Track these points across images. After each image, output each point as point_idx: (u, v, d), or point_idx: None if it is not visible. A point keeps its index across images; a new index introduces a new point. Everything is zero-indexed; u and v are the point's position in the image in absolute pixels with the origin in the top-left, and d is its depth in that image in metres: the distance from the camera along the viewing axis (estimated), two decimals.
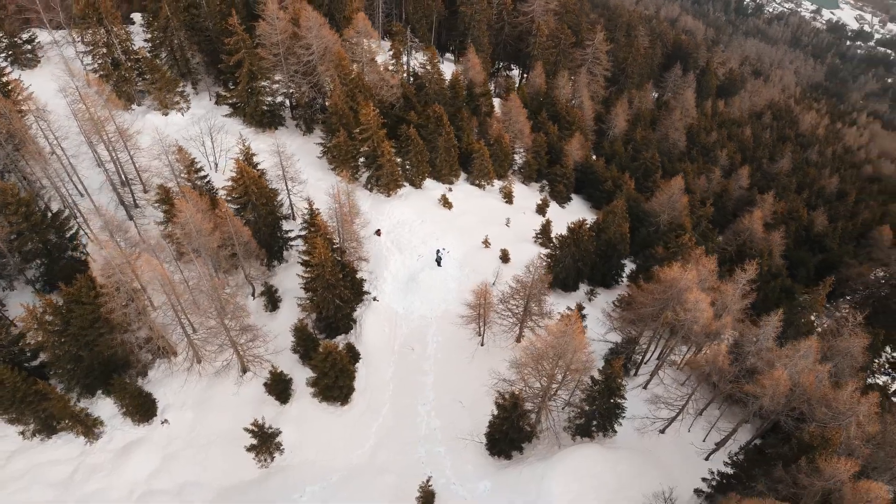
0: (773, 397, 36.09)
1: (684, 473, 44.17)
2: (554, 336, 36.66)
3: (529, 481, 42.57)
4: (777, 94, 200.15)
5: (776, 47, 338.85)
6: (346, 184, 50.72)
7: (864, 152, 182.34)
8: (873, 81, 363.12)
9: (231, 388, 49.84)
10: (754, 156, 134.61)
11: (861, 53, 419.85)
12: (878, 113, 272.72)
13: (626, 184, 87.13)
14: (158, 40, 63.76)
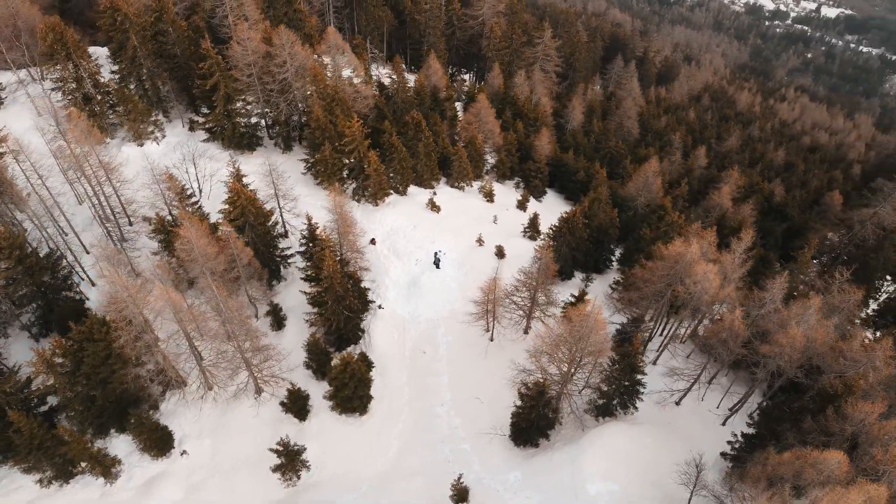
0: (790, 354, 38.02)
1: (706, 440, 45.84)
2: (576, 319, 37.70)
3: (561, 465, 43.49)
4: (710, 76, 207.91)
5: (701, 32, 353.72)
6: (342, 196, 50.81)
7: (800, 125, 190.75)
8: (794, 58, 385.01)
9: (247, 411, 49.34)
10: (702, 137, 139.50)
11: (780, 32, 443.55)
12: (804, 87, 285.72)
13: (599, 173, 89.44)
14: (126, 71, 62.72)
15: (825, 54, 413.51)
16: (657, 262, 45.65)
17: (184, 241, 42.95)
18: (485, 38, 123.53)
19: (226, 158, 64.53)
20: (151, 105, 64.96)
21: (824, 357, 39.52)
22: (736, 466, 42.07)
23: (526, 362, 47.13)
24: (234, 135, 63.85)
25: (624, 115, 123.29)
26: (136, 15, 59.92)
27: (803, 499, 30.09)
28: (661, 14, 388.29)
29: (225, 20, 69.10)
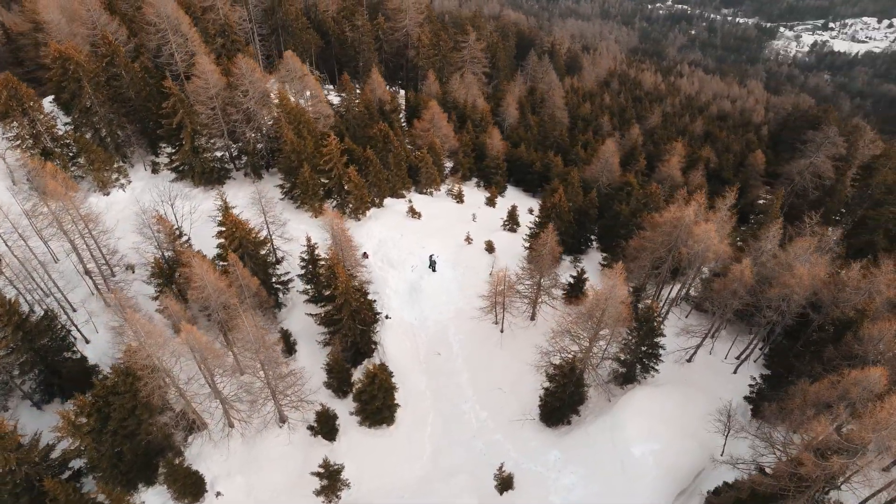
0: (798, 293, 41.12)
1: (724, 389, 48.68)
2: (602, 292, 39.55)
3: (600, 435, 45.21)
4: (611, 62, 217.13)
5: (591, 22, 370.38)
6: (338, 216, 51.08)
7: (703, 97, 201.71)
8: (681, 36, 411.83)
9: (274, 441, 48.68)
10: (624, 118, 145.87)
11: (663, 14, 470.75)
12: (696, 62, 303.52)
13: (555, 162, 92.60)
14: (81, 120, 60.71)
15: (707, 29, 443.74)
16: (655, 231, 48.18)
17: (197, 279, 42.29)
18: (411, 48, 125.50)
19: (199, 195, 63.76)
20: (111, 152, 63.03)
21: (829, 290, 42.91)
22: (758, 407, 44.96)
23: (546, 345, 48.64)
24: (203, 170, 62.75)
25: (554, 107, 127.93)
26: (87, 62, 58.16)
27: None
28: (549, 10, 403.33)
29: (172, 58, 67.90)
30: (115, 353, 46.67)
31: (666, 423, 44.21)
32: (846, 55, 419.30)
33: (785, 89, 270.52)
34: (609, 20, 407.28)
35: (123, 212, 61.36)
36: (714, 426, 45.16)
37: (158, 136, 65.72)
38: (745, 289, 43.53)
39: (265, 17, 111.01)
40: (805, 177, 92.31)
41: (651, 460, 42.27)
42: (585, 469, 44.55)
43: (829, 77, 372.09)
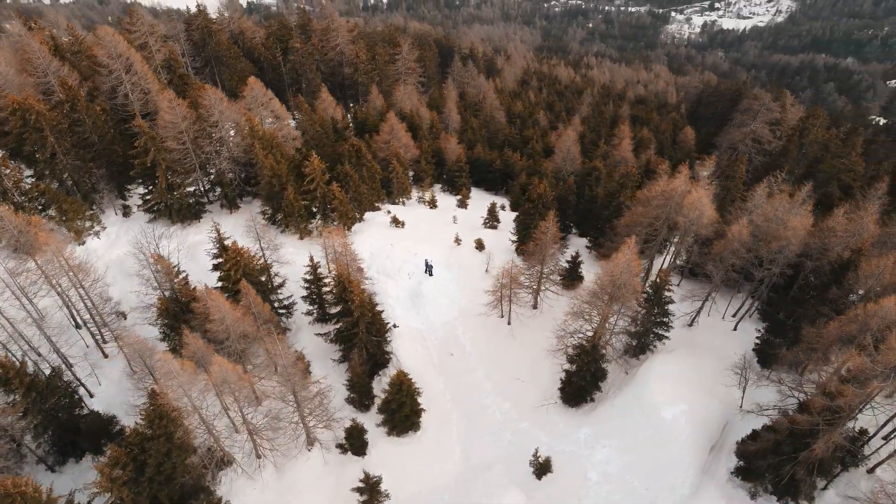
0: (795, 243, 44.14)
1: (729, 345, 51.52)
2: (616, 265, 41.37)
3: (626, 405, 46.98)
4: (524, 62, 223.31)
5: (495, 25, 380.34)
6: (341, 234, 51.20)
7: (617, 85, 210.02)
8: (580, 30, 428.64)
9: (305, 466, 48.12)
10: (555, 112, 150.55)
11: (559, 10, 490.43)
12: (600, 53, 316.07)
13: (514, 159, 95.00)
14: (46, 170, 58.50)
15: (604, 21, 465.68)
16: (648, 206, 50.54)
17: (215, 312, 41.76)
18: (346, 66, 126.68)
19: (177, 233, 62.46)
20: (80, 200, 60.93)
21: (819, 238, 46.19)
22: (765, 357, 47.88)
23: (560, 329, 50.14)
24: (180, 207, 61.49)
25: (492, 107, 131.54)
26: (48, 110, 56.24)
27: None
28: (453, 18, 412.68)
29: (127, 98, 66.40)
30: (134, 399, 45.31)
31: (688, 384, 46.45)
32: (735, 32, 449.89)
33: (687, 69, 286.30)
34: (511, 22, 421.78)
35: (103, 259, 59.54)
36: (729, 381, 47.86)
37: (127, 178, 64.11)
38: (745, 247, 46.37)
39: (196, 50, 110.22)
40: (747, 143, 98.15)
41: (682, 421, 44.33)
42: (618, 441, 46.20)
43: (722, 54, 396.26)
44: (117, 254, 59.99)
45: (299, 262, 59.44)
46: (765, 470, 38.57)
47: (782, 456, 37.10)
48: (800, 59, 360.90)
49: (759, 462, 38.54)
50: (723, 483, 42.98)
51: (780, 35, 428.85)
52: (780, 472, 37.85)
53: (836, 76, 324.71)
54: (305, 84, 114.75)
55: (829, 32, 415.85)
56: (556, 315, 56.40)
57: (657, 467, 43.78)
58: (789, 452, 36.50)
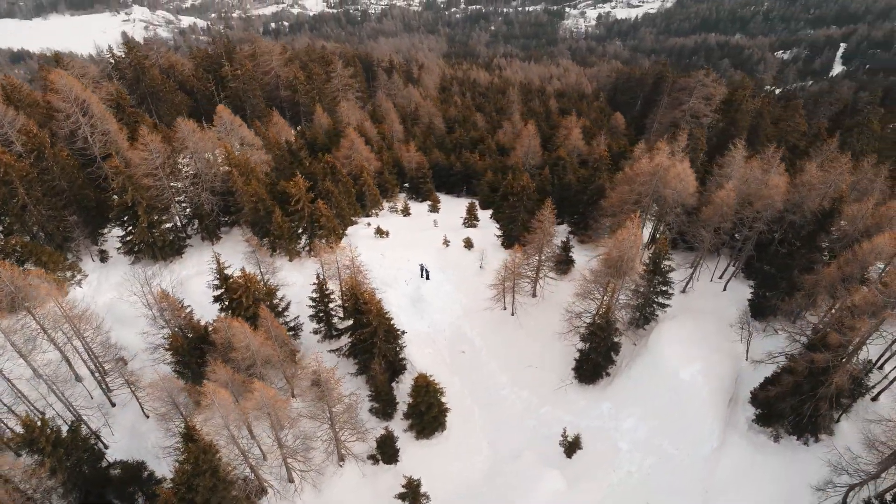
0: (778, 199, 47.56)
1: (723, 304, 54.80)
2: (622, 240, 43.60)
3: (643, 373, 49.30)
4: (438, 69, 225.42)
5: (400, 37, 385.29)
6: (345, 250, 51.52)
7: (534, 82, 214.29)
8: (483, 33, 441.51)
9: (341, 482, 48.13)
10: (486, 113, 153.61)
11: (461, 17, 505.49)
12: (507, 53, 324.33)
13: (474, 160, 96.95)
14: (16, 223, 56.12)
15: (504, 22, 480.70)
16: (633, 184, 53.15)
17: (240, 340, 41.49)
18: (282, 88, 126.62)
19: (161, 271, 60.98)
20: (57, 248, 58.72)
21: (798, 192, 49.83)
22: (761, 309, 51.30)
23: (568, 311, 52.09)
24: (163, 244, 60.14)
25: (430, 115, 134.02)
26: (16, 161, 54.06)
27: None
28: (357, 34, 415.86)
29: (86, 141, 64.34)
30: (163, 440, 44.28)
31: (697, 345, 49.18)
32: (629, 21, 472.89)
33: (591, 60, 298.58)
34: (414, 32, 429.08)
35: (90, 308, 57.53)
36: (731, 337, 51.03)
37: (100, 222, 62.22)
38: (732, 210, 49.56)
39: (131, 88, 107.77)
40: (687, 119, 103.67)
41: (700, 379, 46.91)
42: (641, 408, 48.41)
43: (620, 43, 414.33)
44: (104, 300, 58.12)
45: (296, 284, 59.43)
46: (787, 412, 41.39)
47: (802, 395, 40.00)
48: (693, 40, 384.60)
49: (781, 405, 41.34)
50: (745, 431, 45.82)
51: (672, 19, 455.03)
52: (801, 411, 40.76)
53: (728, 52, 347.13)
54: (250, 110, 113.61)
55: (716, 12, 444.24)
56: (556, 300, 58.48)
57: (683, 427, 46.18)
58: (809, 391, 39.40)
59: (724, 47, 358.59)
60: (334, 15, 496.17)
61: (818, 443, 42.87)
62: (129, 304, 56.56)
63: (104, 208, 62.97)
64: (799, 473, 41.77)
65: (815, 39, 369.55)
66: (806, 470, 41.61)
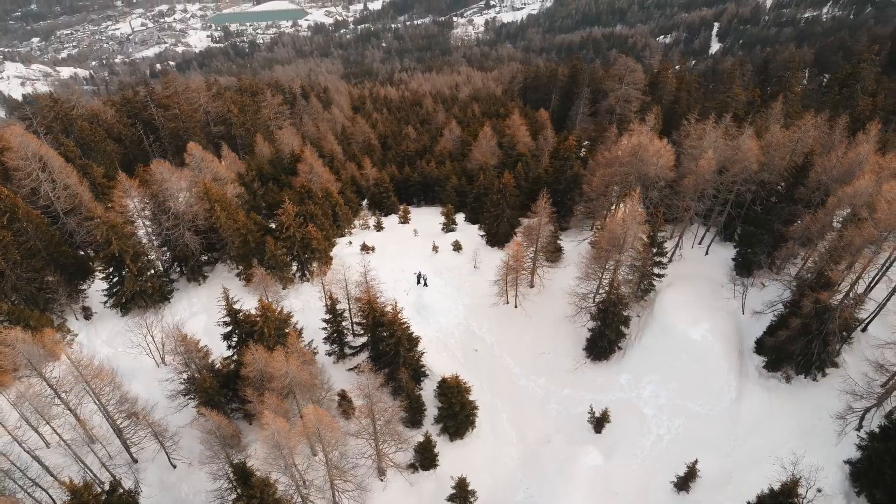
0: (753, 160, 51.60)
1: (710, 266, 58.71)
2: (625, 217, 46.29)
3: (655, 341, 52.21)
4: (343, 89, 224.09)
5: (295, 63, 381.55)
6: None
7: (444, 91, 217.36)
8: (377, 51, 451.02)
9: (386, 495, 48.51)
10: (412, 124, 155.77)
11: (351, 37, 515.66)
12: (405, 68, 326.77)
13: (430, 169, 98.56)
14: None
15: (395, 38, 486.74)
16: (614, 166, 56.14)
17: (278, 368, 41.44)
18: (214, 123, 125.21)
19: (152, 318, 59.25)
20: (41, 312, 56.04)
21: (770, 154, 54.11)
22: (745, 266, 55.35)
23: (574, 295, 54.40)
24: (153, 291, 58.52)
25: (363, 134, 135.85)
26: None
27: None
28: (249, 65, 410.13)
29: (49, 197, 61.78)
30: (205, 486, 43.40)
31: (699, 307, 52.60)
32: (515, 23, 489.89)
33: (488, 64, 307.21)
34: (307, 57, 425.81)
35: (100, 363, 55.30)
36: (725, 295, 54.78)
37: (78, 278, 59.84)
38: (711, 177, 53.30)
39: (56, 141, 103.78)
40: (622, 104, 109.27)
41: (710, 337, 50.19)
42: (658, 374, 51.22)
43: (511, 45, 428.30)
44: (100, 358, 55.79)
45: (297, 310, 59.08)
46: (797, 352, 45.05)
47: (811, 334, 43.70)
48: (579, 35, 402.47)
49: (791, 347, 44.96)
50: (756, 379, 49.35)
51: (555, 18, 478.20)
52: (810, 350, 44.49)
53: (614, 43, 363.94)
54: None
55: (595, 7, 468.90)
56: (554, 287, 60.85)
57: (701, 384, 49.25)
58: (817, 329, 43.13)
59: (610, 39, 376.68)
60: (222, 49, 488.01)
61: (826, 377, 46.72)
62: (130, 357, 55.01)
63: (81, 264, 60.68)
64: (814, 407, 45.42)
65: (691, 22, 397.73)
66: (820, 402, 45.33)
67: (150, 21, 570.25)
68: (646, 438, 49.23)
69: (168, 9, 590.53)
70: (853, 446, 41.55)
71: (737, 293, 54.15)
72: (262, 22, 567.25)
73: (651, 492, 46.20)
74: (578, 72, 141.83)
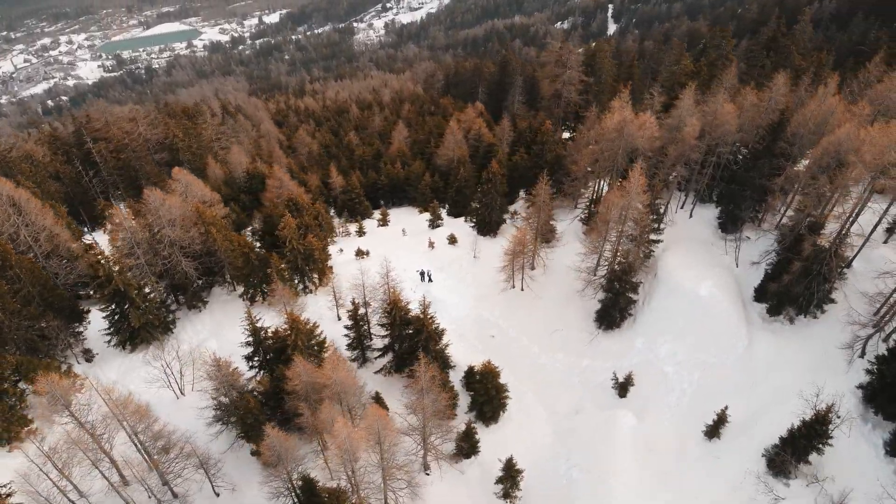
0: (732, 122, 55.21)
1: (697, 228, 62.25)
2: (628, 190, 48.78)
3: (663, 304, 55.37)
4: (259, 104, 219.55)
5: (198, 86, 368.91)
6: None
7: (366, 96, 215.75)
8: (281, 64, 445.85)
9: (436, 489, 49.26)
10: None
11: (250, 52, 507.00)
12: (314, 78, 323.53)
13: (395, 171, 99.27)
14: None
15: (297, 49, 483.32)
16: (601, 143, 58.71)
17: (327, 378, 41.80)
18: (155, 151, 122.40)
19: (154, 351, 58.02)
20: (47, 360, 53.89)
21: (745, 114, 57.89)
22: (730, 223, 59.11)
23: (579, 270, 56.71)
24: (159, 323, 57.26)
25: (306, 145, 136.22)
26: None
27: None
28: (149, 92, 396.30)
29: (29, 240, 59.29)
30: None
31: (700, 264, 56.03)
32: (415, 23, 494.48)
33: (398, 67, 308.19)
34: (209, 77, 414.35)
35: (101, 410, 53.45)
36: (718, 252, 58.38)
37: (75, 320, 57.81)
38: (696, 143, 56.62)
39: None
40: (569, 88, 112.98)
41: (716, 292, 53.55)
42: (672, 333, 54.23)
43: (414, 45, 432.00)
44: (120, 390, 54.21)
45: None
46: (800, 294, 48.75)
47: (810, 275, 47.42)
48: (483, 28, 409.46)
49: (795, 289, 48.62)
50: (762, 324, 53.03)
51: (455, 14, 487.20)
52: (811, 288, 48.25)
53: (517, 33, 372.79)
54: (145, 179, 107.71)
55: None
56: (555, 266, 63.27)
57: (714, 337, 52.53)
58: (817, 270, 46.85)
59: (511, 29, 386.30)
60: (118, 78, 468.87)
61: (825, 314, 50.73)
62: (149, 393, 53.55)
63: (74, 306, 58.63)
64: (820, 342, 49.32)
65: (586, 5, 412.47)
66: (824, 337, 49.29)
67: (33, 56, 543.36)
68: (671, 395, 52.08)
69: (52, 42, 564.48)
70: (862, 372, 45.44)
71: (728, 249, 57.86)
72: (154, 46, 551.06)
73: (685, 443, 49.04)
74: (509, 63, 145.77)
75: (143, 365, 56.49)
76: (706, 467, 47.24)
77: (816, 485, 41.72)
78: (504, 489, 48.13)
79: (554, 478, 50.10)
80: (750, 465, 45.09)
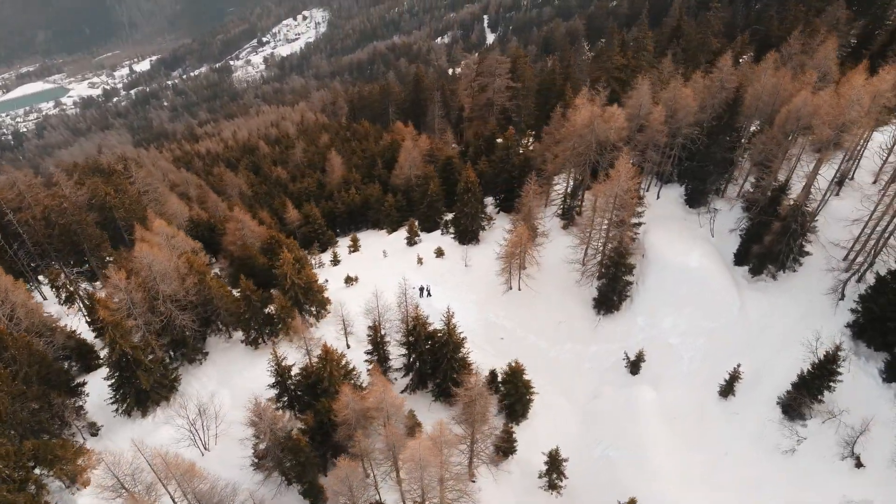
0: (693, 104, 59.72)
1: (667, 206, 66.79)
2: (619, 179, 52.07)
3: (657, 278, 59.18)
4: (160, 156, 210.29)
5: (74, 146, 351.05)
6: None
7: (270, 132, 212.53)
8: (160, 111, 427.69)
9: (487, 495, 50.12)
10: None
11: (125, 103, 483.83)
12: (202, 121, 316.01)
13: (352, 197, 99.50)
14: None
15: (176, 94, 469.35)
16: (571, 139, 61.88)
17: (376, 406, 42.31)
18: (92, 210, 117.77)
19: (166, 413, 56.18)
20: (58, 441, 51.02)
21: (701, 95, 62.62)
22: (696, 197, 63.79)
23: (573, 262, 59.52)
24: (165, 382, 55.45)
25: (235, 186, 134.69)
26: None
27: None
28: (20, 158, 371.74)
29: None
30: None
31: (683, 239, 60.67)
32: (295, 54, 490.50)
33: (288, 99, 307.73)
34: (87, 134, 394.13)
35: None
36: (693, 226, 62.89)
37: (73, 394, 55.04)
38: (663, 126, 60.80)
39: None
40: (501, 95, 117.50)
41: (705, 261, 57.94)
42: (671, 306, 58.04)
43: (298, 76, 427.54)
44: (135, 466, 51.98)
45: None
46: (781, 251, 53.46)
47: (788, 232, 52.19)
48: (365, 52, 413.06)
49: (777, 247, 53.32)
50: (747, 285, 57.75)
51: (333, 41, 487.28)
52: (791, 245, 53.05)
53: (400, 53, 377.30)
54: (87, 242, 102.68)
55: (369, 22, 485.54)
56: (545, 263, 65.73)
57: (710, 303, 56.76)
58: (798, 228, 51.64)
59: (394, 50, 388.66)
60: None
61: (802, 266, 55.80)
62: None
63: (70, 380, 55.89)
64: (804, 291, 54.36)
65: (462, 19, 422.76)
66: (807, 286, 54.39)
67: None
68: (680, 364, 55.74)
69: None
70: (847, 312, 50.39)
71: (702, 222, 62.48)
72: (18, 109, 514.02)
73: (704, 405, 52.67)
74: (421, 81, 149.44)
75: (157, 428, 54.72)
76: (728, 424, 50.96)
77: (832, 421, 45.79)
78: (549, 481, 49.80)
79: (591, 462, 52.28)
80: (768, 414, 49.00)
